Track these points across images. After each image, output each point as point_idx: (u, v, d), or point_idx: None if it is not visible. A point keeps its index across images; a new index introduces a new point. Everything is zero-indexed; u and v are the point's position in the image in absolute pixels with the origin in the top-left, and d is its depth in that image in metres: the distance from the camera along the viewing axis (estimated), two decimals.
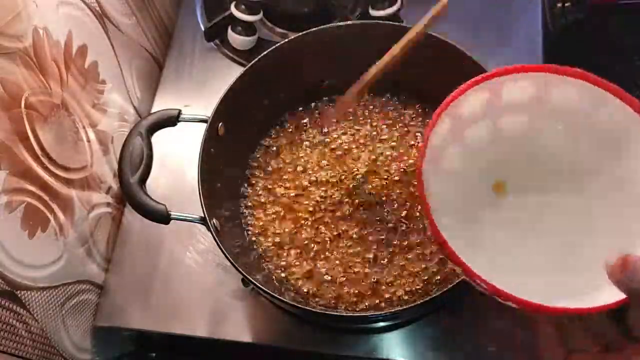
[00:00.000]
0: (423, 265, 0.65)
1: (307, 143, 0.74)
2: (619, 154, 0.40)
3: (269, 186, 0.72)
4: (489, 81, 0.40)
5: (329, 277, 0.66)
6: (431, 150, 0.40)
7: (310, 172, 0.72)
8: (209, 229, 0.60)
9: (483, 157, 0.44)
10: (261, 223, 0.70)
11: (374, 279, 0.65)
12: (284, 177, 0.72)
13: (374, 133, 0.73)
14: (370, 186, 0.70)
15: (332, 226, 0.68)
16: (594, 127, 0.40)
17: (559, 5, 0.94)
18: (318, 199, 0.70)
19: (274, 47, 0.68)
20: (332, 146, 0.73)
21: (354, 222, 0.68)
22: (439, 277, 0.65)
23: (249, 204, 0.71)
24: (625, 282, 0.33)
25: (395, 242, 0.67)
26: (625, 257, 0.33)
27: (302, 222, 0.69)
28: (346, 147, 0.73)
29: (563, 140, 0.42)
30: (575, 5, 0.95)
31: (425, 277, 0.65)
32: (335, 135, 0.74)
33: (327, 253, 0.67)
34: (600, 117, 0.39)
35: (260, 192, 0.72)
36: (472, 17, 0.85)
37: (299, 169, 0.72)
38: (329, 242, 0.68)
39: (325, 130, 0.74)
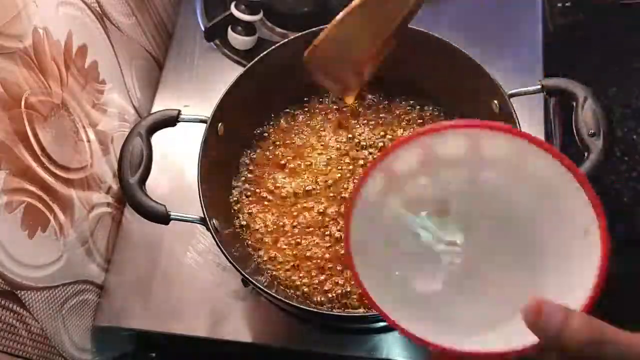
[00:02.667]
0: None
1: (306, 143, 0.74)
2: (552, 202, 0.39)
3: (269, 185, 0.72)
4: (416, 140, 0.38)
5: (328, 276, 0.66)
6: (364, 204, 0.39)
7: (309, 172, 0.72)
8: (208, 229, 0.60)
9: (419, 208, 0.43)
10: (261, 223, 0.70)
11: None
12: (283, 175, 0.72)
13: (372, 135, 0.73)
14: None
15: (332, 226, 0.68)
16: (529, 180, 0.40)
17: (559, 5, 0.94)
18: (317, 198, 0.70)
19: (274, 47, 0.68)
20: (331, 146, 0.73)
21: None
22: None
23: (249, 203, 0.71)
24: (539, 327, 0.33)
25: None
26: (540, 302, 0.33)
27: (302, 221, 0.69)
28: (346, 148, 0.73)
29: (502, 190, 0.42)
30: (575, 5, 0.95)
31: None
32: (334, 137, 0.74)
33: (326, 252, 0.67)
34: (533, 169, 0.39)
35: (260, 192, 0.72)
36: (472, 17, 0.85)
37: (297, 168, 0.72)
38: (328, 241, 0.68)
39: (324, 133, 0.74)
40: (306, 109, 0.76)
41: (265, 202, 0.71)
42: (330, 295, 0.65)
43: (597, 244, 0.35)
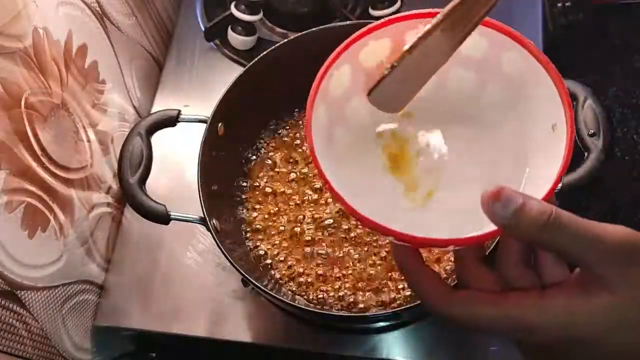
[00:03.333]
0: None
1: (305, 143, 0.74)
2: (523, 99, 0.39)
3: (269, 185, 0.72)
4: (387, 27, 0.38)
5: (328, 276, 0.66)
6: (327, 100, 0.39)
7: (308, 172, 0.72)
8: (208, 229, 0.60)
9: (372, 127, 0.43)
10: (261, 223, 0.70)
11: (373, 277, 0.65)
12: (284, 176, 0.72)
13: None
14: None
15: (335, 225, 0.68)
16: (501, 74, 0.40)
17: (559, 5, 0.94)
18: (321, 198, 0.70)
19: (274, 47, 0.68)
20: None
21: (353, 220, 0.68)
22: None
23: (249, 203, 0.71)
24: (496, 213, 0.32)
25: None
26: (499, 187, 0.32)
27: (301, 220, 0.69)
28: None
29: (473, 87, 0.42)
30: (575, 5, 0.95)
31: None
32: None
33: (326, 252, 0.67)
34: (505, 65, 0.39)
35: (260, 192, 0.72)
36: None
37: (297, 168, 0.72)
38: (328, 240, 0.68)
39: None
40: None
41: (267, 202, 0.71)
42: (330, 295, 0.65)
43: (563, 137, 0.35)
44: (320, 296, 0.65)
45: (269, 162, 0.73)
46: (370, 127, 0.42)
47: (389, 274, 0.65)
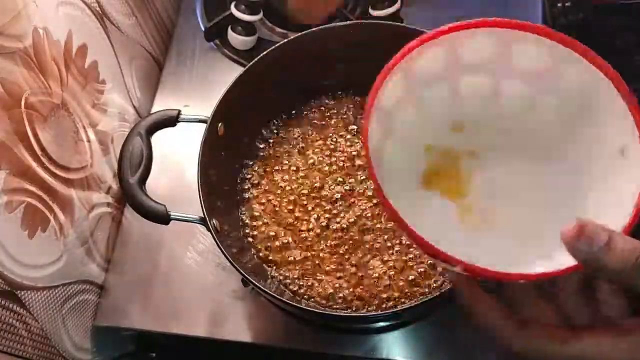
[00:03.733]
0: (423, 266, 0.66)
1: (307, 142, 0.74)
2: (584, 118, 0.37)
3: (269, 185, 0.72)
4: (444, 37, 0.36)
5: (329, 276, 0.66)
6: (379, 112, 0.36)
7: (308, 171, 0.72)
8: (208, 229, 0.60)
9: (438, 121, 0.40)
10: (261, 222, 0.70)
11: (374, 278, 0.65)
12: (284, 176, 0.72)
13: None
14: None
15: (332, 225, 0.68)
16: (560, 90, 0.37)
17: (559, 5, 0.94)
18: (316, 197, 0.70)
19: (274, 47, 0.68)
20: (332, 146, 0.73)
21: (353, 220, 0.68)
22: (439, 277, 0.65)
23: (249, 203, 0.71)
24: (580, 249, 0.31)
25: (395, 242, 0.67)
26: (581, 223, 0.31)
27: (302, 220, 0.69)
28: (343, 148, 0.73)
29: (528, 104, 0.39)
30: (575, 5, 0.95)
31: (426, 278, 0.65)
32: (333, 136, 0.74)
33: (326, 251, 0.67)
34: (566, 79, 0.37)
35: (260, 192, 0.72)
36: (472, 16, 0.85)
37: (298, 168, 0.72)
38: (328, 240, 0.68)
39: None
40: (307, 109, 0.76)
41: (267, 202, 0.71)
42: (330, 295, 0.65)
43: (637, 161, 0.32)
44: (320, 296, 0.65)
45: (269, 161, 0.73)
46: (419, 141, 0.40)
47: (390, 274, 0.65)
